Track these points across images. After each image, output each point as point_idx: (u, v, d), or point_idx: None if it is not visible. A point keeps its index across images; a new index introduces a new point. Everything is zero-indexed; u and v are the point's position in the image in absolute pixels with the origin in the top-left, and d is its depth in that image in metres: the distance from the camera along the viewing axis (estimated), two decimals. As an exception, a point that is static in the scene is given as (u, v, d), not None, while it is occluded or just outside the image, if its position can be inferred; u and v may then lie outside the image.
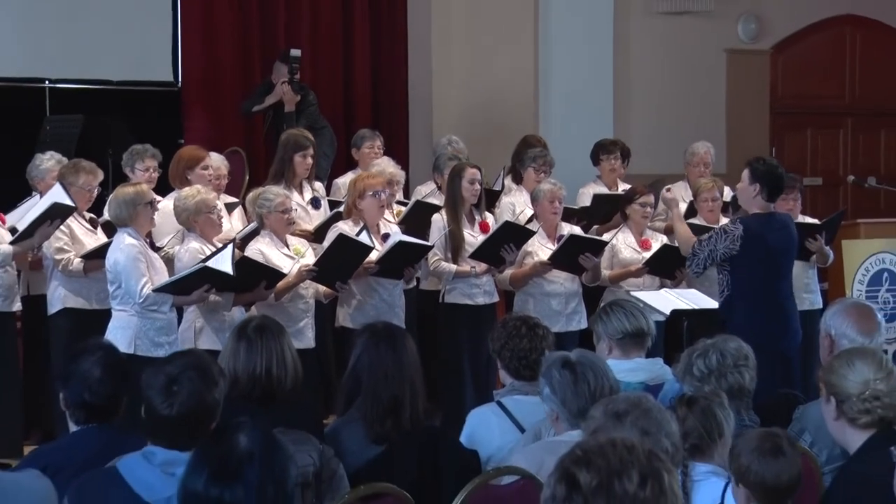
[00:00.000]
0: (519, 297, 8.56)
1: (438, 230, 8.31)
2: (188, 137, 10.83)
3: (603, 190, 9.70)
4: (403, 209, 8.89)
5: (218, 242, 7.39)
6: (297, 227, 8.09)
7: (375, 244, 7.81)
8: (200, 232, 7.36)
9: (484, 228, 8.43)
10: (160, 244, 7.85)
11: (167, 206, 7.84)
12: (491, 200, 8.99)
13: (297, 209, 8.21)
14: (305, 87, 10.61)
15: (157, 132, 9.83)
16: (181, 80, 11.45)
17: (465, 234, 8.33)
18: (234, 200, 8.75)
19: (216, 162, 8.65)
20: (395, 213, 8.67)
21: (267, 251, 7.51)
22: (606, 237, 8.74)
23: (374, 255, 7.73)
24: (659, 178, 10.35)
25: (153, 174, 8.40)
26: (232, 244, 7.22)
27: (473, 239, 8.32)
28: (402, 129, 12.17)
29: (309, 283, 7.63)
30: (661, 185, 9.71)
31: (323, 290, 7.78)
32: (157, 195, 7.74)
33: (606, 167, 9.88)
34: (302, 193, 8.75)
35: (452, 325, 8.35)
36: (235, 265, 7.06)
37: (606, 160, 9.88)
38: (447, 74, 12.14)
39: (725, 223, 7.52)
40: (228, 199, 8.65)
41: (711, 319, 7.33)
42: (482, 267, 8.29)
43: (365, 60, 11.98)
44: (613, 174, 9.89)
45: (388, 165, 9.15)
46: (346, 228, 7.86)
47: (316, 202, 8.83)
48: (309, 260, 7.66)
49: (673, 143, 11.15)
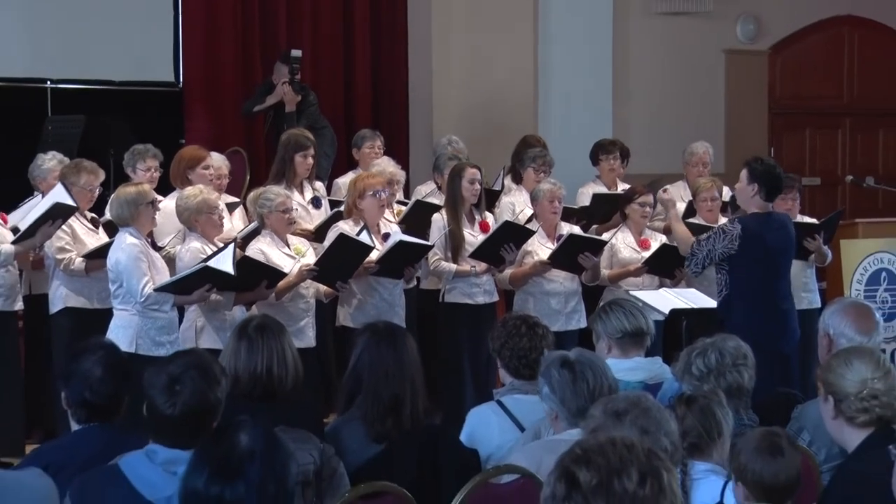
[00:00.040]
0: (519, 296, 8.56)
1: (438, 230, 8.30)
2: (189, 137, 10.83)
3: (602, 190, 9.69)
4: (404, 209, 8.89)
5: (219, 242, 7.39)
6: (297, 226, 8.09)
7: (376, 244, 7.81)
8: (201, 232, 7.37)
9: (484, 228, 8.42)
10: (161, 244, 7.84)
11: (168, 205, 7.85)
12: (491, 200, 8.99)
13: (297, 209, 8.21)
14: (306, 87, 10.60)
15: (158, 132, 9.83)
16: (182, 80, 11.45)
17: (465, 233, 8.32)
18: (235, 200, 8.75)
19: (217, 162, 8.65)
20: (395, 212, 8.66)
21: (268, 251, 7.50)
22: (606, 237, 8.73)
23: (374, 254, 7.73)
24: (658, 177, 10.35)
25: (154, 174, 8.40)
26: (233, 244, 7.21)
27: (473, 238, 8.32)
28: (402, 129, 12.16)
29: (309, 282, 7.63)
30: (659, 184, 9.74)
31: (323, 289, 7.77)
32: (158, 195, 7.73)
33: (606, 167, 9.88)
34: (303, 193, 8.75)
35: (452, 324, 8.35)
36: (236, 265, 7.05)
37: (606, 160, 9.88)
38: (447, 74, 12.12)
39: (724, 223, 7.51)
40: (229, 198, 8.64)
41: (710, 319, 7.32)
42: (482, 266, 8.29)
43: (365, 61, 11.97)
44: (612, 174, 9.89)
45: (388, 165, 9.15)
46: (346, 228, 7.86)
47: (317, 202, 8.83)
48: (309, 259, 7.65)
49: (672, 143, 11.14)
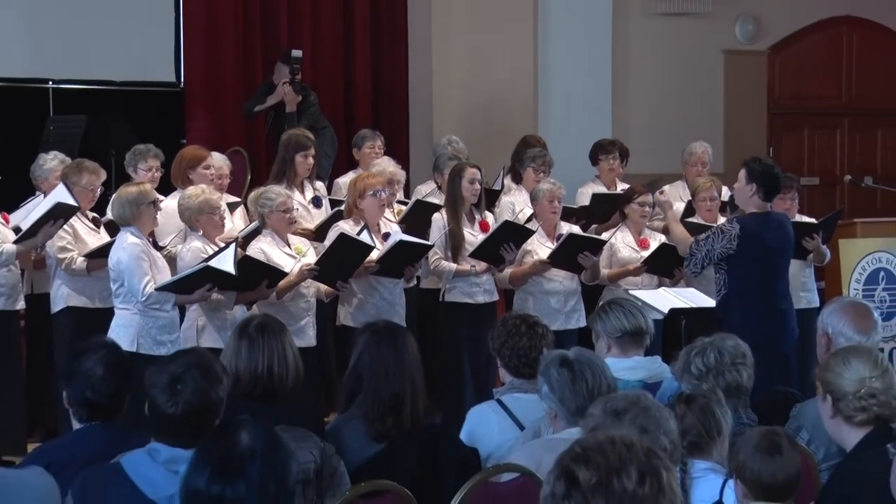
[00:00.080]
0: (518, 295, 8.57)
1: (438, 229, 8.31)
2: (190, 137, 10.84)
3: (602, 189, 9.70)
4: (404, 208, 8.89)
5: (220, 242, 7.39)
6: (298, 226, 8.10)
7: (376, 243, 7.81)
8: (202, 231, 7.38)
9: (484, 228, 8.43)
10: (163, 243, 7.85)
11: (169, 205, 7.86)
12: (491, 200, 8.99)
13: (298, 208, 8.21)
14: (306, 87, 10.61)
15: (159, 132, 9.83)
16: (183, 80, 11.45)
17: (465, 233, 8.33)
18: (235, 200, 8.75)
19: (218, 162, 8.65)
20: (395, 212, 8.67)
21: (268, 250, 7.51)
22: (605, 236, 8.74)
23: (374, 254, 7.74)
24: (657, 177, 10.33)
25: (156, 174, 8.42)
26: (234, 244, 7.22)
27: (473, 238, 8.33)
28: (402, 129, 12.16)
29: (310, 281, 7.63)
30: (659, 184, 9.73)
31: (324, 288, 7.78)
32: (159, 195, 7.73)
33: (605, 167, 9.89)
34: (303, 193, 8.76)
35: (452, 323, 8.35)
36: (237, 264, 7.05)
37: (605, 160, 9.89)
38: (447, 74, 12.12)
39: (722, 223, 7.51)
40: (230, 198, 8.64)
41: (709, 318, 7.31)
42: (482, 266, 8.30)
43: (365, 61, 11.97)
44: (612, 174, 9.90)
45: (388, 165, 9.16)
46: (347, 228, 7.86)
47: (317, 201, 8.84)
48: (310, 259, 7.66)
49: (671, 142, 11.14)
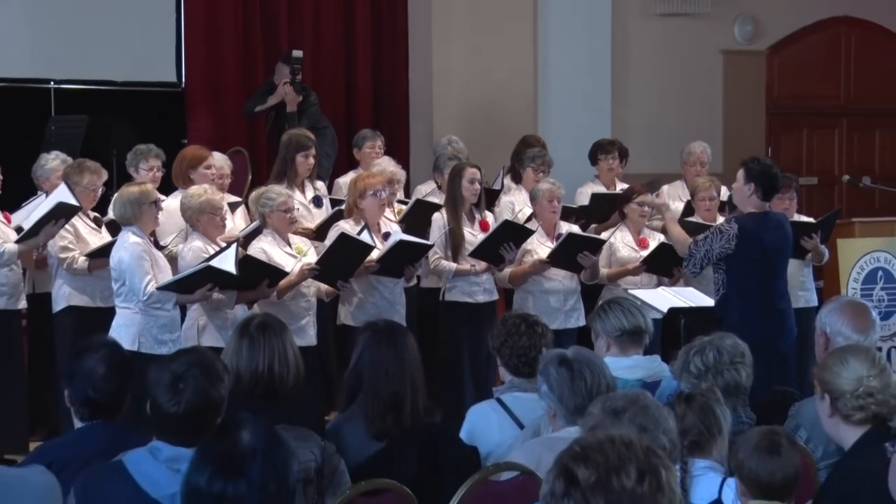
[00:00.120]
0: (518, 294, 8.58)
1: (439, 229, 8.32)
2: (191, 137, 10.84)
3: (601, 189, 9.71)
4: (404, 208, 8.91)
5: (222, 242, 7.40)
6: (299, 225, 8.12)
7: (376, 243, 7.83)
8: (203, 231, 7.39)
9: (484, 227, 8.44)
10: (164, 242, 7.86)
11: (170, 204, 7.87)
12: (490, 199, 9.00)
13: (299, 208, 8.22)
14: (307, 87, 10.61)
15: (160, 132, 9.84)
16: (184, 80, 11.46)
17: (465, 232, 8.34)
18: (236, 200, 8.75)
19: (219, 161, 8.65)
20: (395, 211, 8.68)
21: (269, 250, 7.52)
22: (604, 236, 8.76)
23: (374, 253, 7.75)
24: (656, 177, 10.37)
25: (157, 174, 8.44)
26: (236, 244, 7.22)
27: (473, 237, 8.34)
28: (402, 129, 12.16)
29: (311, 281, 7.64)
30: (658, 184, 9.76)
31: (324, 288, 7.78)
32: (160, 195, 7.73)
33: (604, 167, 9.91)
34: (304, 193, 8.77)
35: (452, 322, 8.37)
36: (238, 263, 7.06)
37: (604, 160, 9.90)
38: (447, 75, 12.12)
39: (721, 223, 7.51)
40: (231, 198, 8.64)
41: (708, 317, 7.31)
42: (482, 265, 8.31)
43: (366, 61, 11.97)
44: (611, 174, 9.92)
45: (388, 165, 9.17)
46: (347, 227, 7.87)
47: (318, 201, 8.84)
48: (311, 259, 7.67)
49: (670, 142, 11.14)
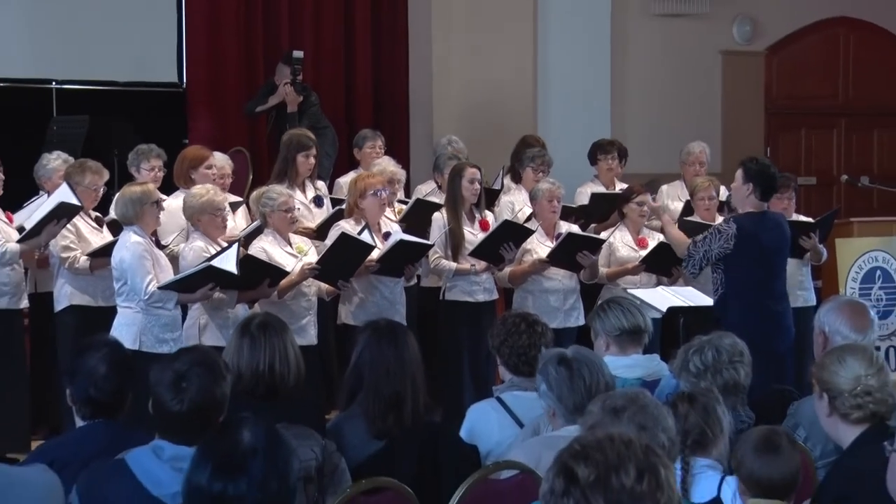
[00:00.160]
0: (518, 294, 8.60)
1: (439, 228, 8.34)
2: (192, 137, 10.86)
3: (600, 189, 9.72)
4: (404, 207, 8.92)
5: (223, 242, 7.41)
6: (299, 225, 8.14)
7: (377, 243, 7.84)
8: (203, 231, 7.40)
9: (484, 227, 8.46)
10: (165, 242, 7.88)
11: (172, 204, 7.89)
12: (490, 199, 9.02)
13: (299, 208, 8.24)
14: (308, 87, 10.63)
15: (162, 132, 9.84)
16: (186, 81, 11.47)
17: (465, 232, 8.36)
18: (237, 199, 8.76)
19: (220, 161, 8.67)
20: (396, 211, 8.70)
21: (270, 249, 7.53)
22: (604, 235, 8.77)
23: (375, 253, 7.76)
24: (655, 177, 10.40)
25: (158, 173, 8.46)
26: (237, 244, 7.23)
27: (473, 237, 8.36)
28: (402, 129, 12.17)
29: (311, 280, 7.65)
30: (657, 184, 9.80)
31: (325, 287, 7.80)
32: (162, 194, 7.75)
33: (604, 167, 9.91)
34: (305, 192, 8.79)
35: (453, 321, 8.38)
36: (239, 263, 7.06)
37: (604, 160, 9.91)
38: (447, 76, 12.14)
39: (719, 223, 7.53)
40: (232, 198, 8.62)
41: (707, 316, 7.32)
42: (482, 265, 8.32)
43: (366, 62, 11.99)
44: (611, 173, 9.93)
45: (388, 165, 9.17)
46: (348, 227, 7.88)
47: (318, 201, 8.86)
48: (311, 258, 7.68)
49: (669, 142, 11.14)
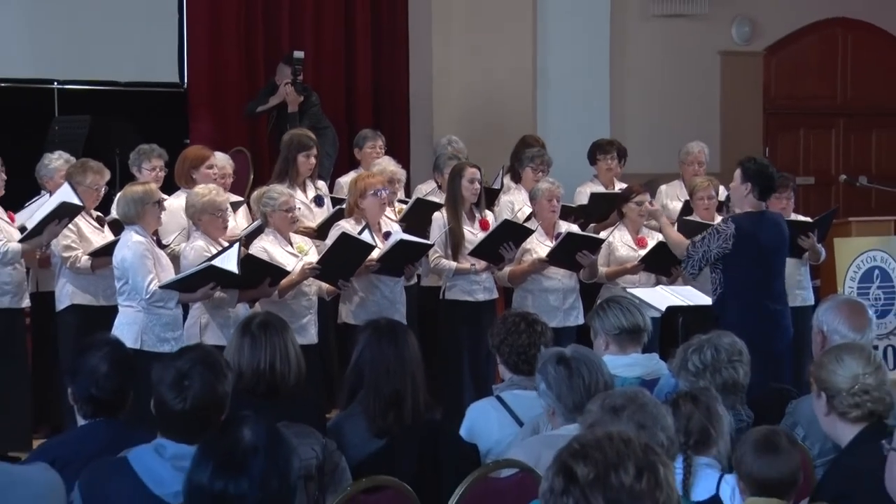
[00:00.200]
0: (518, 293, 8.60)
1: (439, 228, 8.35)
2: (194, 137, 10.88)
3: (600, 189, 9.73)
4: (405, 207, 8.93)
5: (224, 241, 7.41)
6: (300, 224, 8.15)
7: (377, 242, 7.85)
8: (204, 230, 7.42)
9: (484, 226, 8.47)
10: (166, 241, 7.89)
11: (173, 204, 7.91)
12: (490, 199, 9.03)
13: (300, 207, 8.26)
14: (308, 88, 10.64)
15: (163, 132, 9.86)
16: (187, 81, 11.50)
17: (465, 231, 8.37)
18: (238, 199, 8.77)
19: (221, 161, 8.69)
20: (396, 210, 8.71)
21: (271, 249, 7.55)
22: (603, 235, 8.78)
23: (375, 253, 7.78)
24: (655, 177, 10.42)
25: (159, 173, 8.47)
26: (238, 243, 7.24)
27: (473, 237, 8.37)
28: (403, 129, 12.19)
29: (312, 280, 7.66)
30: (656, 184, 9.81)
31: (325, 287, 7.81)
32: (163, 194, 7.76)
33: (603, 167, 9.92)
34: (305, 192, 8.80)
35: (453, 321, 8.40)
36: (240, 262, 7.07)
37: (603, 160, 9.92)
38: (447, 76, 12.16)
39: (717, 223, 7.53)
40: (233, 197, 8.58)
41: (706, 315, 7.33)
42: (482, 264, 8.34)
43: (366, 62, 12.01)
44: (610, 173, 9.93)
45: (388, 164, 9.18)
46: (348, 227, 7.90)
47: (319, 200, 8.87)
48: (312, 258, 7.70)
49: (668, 142, 11.16)
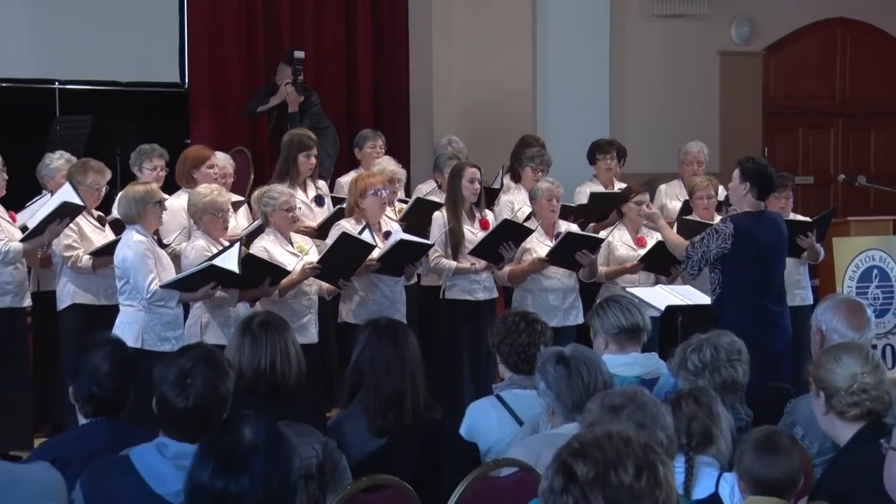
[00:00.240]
0: (517, 292, 8.61)
1: (439, 227, 8.36)
2: (194, 137, 10.90)
3: (599, 189, 9.74)
4: (405, 207, 8.94)
5: (225, 241, 7.43)
6: (300, 224, 8.17)
7: (377, 242, 7.86)
8: (205, 230, 7.44)
9: (483, 226, 8.48)
10: (167, 241, 7.91)
11: (173, 203, 7.93)
12: (490, 199, 9.04)
13: (300, 207, 8.26)
14: (309, 87, 10.65)
15: (164, 132, 9.89)
16: (188, 81, 11.51)
17: (465, 231, 8.38)
18: (239, 199, 8.76)
19: (222, 161, 8.70)
20: (396, 210, 8.72)
21: (271, 248, 7.56)
22: (603, 234, 8.79)
23: (375, 252, 7.79)
24: (654, 177, 10.43)
25: (160, 173, 8.48)
26: (239, 243, 7.25)
27: (473, 236, 8.38)
28: (403, 129, 12.20)
29: (312, 279, 7.68)
30: (655, 184, 9.82)
31: (326, 286, 7.82)
32: (164, 194, 7.76)
33: (603, 166, 9.92)
34: (306, 192, 8.81)
35: (453, 320, 8.41)
36: (241, 262, 7.08)
37: (603, 159, 9.92)
38: (447, 76, 12.16)
39: (716, 223, 7.54)
40: (234, 197, 8.57)
41: (705, 315, 7.33)
42: (482, 264, 8.35)
43: (367, 62, 12.02)
44: (609, 173, 9.94)
45: (389, 164, 9.18)
46: (348, 227, 7.91)
47: (320, 200, 8.88)
48: (312, 257, 7.71)
49: (668, 142, 11.16)
